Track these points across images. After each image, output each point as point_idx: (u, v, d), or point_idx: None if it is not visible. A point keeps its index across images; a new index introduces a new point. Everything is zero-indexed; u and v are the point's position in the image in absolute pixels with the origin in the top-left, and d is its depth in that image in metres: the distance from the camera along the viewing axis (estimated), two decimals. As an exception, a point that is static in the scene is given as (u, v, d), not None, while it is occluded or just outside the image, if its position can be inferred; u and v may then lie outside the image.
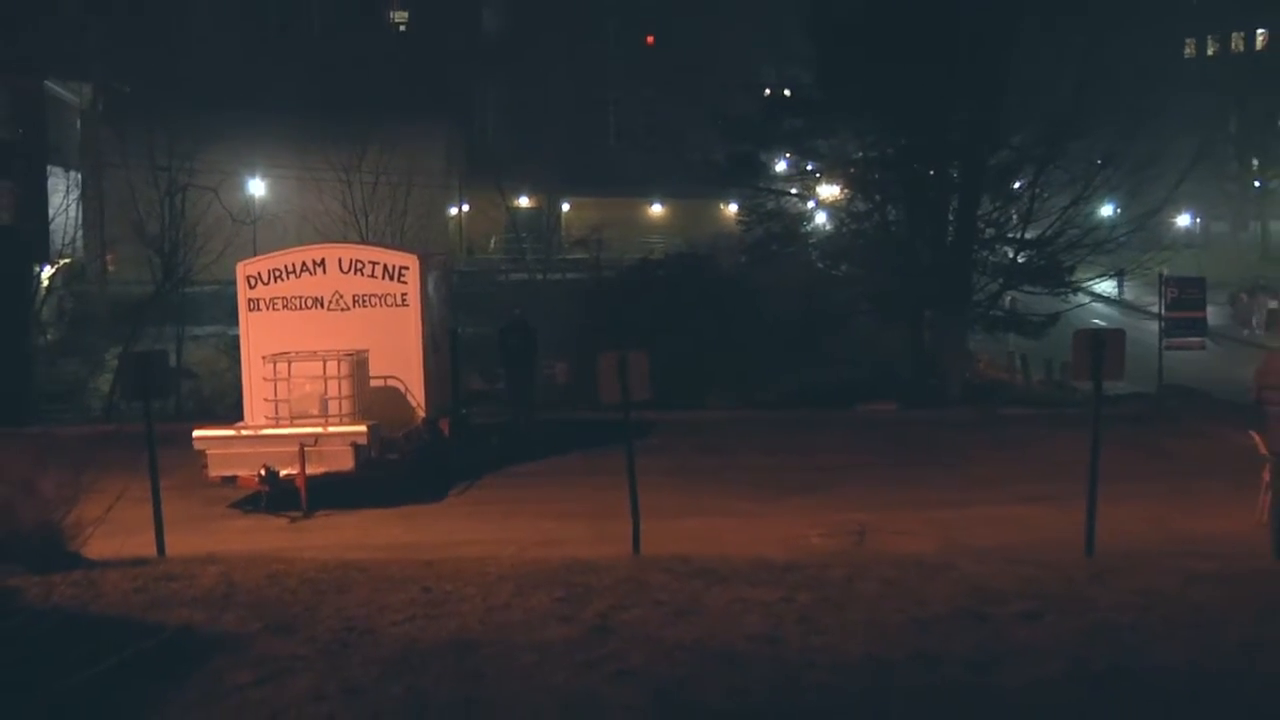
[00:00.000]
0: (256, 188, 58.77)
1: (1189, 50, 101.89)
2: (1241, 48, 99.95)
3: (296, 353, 17.27)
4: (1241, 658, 7.74)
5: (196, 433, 16.70)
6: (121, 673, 7.80)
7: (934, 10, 32.63)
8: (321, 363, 17.02)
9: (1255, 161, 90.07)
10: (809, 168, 38.97)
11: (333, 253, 18.73)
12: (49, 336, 42.05)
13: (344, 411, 16.79)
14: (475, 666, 7.83)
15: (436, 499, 16.94)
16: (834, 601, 9.11)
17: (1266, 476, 12.70)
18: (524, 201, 73.69)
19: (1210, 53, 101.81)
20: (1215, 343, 38.94)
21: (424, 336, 18.46)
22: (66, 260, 47.49)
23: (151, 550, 12.06)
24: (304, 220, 45.20)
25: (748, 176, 38.31)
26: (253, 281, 18.24)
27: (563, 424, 22.27)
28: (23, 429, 21.73)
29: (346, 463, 16.22)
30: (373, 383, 17.78)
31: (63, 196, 48.11)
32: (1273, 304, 62.78)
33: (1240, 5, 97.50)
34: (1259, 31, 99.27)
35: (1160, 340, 32.69)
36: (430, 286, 19.02)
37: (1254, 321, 58.84)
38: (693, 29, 78.84)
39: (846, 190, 38.01)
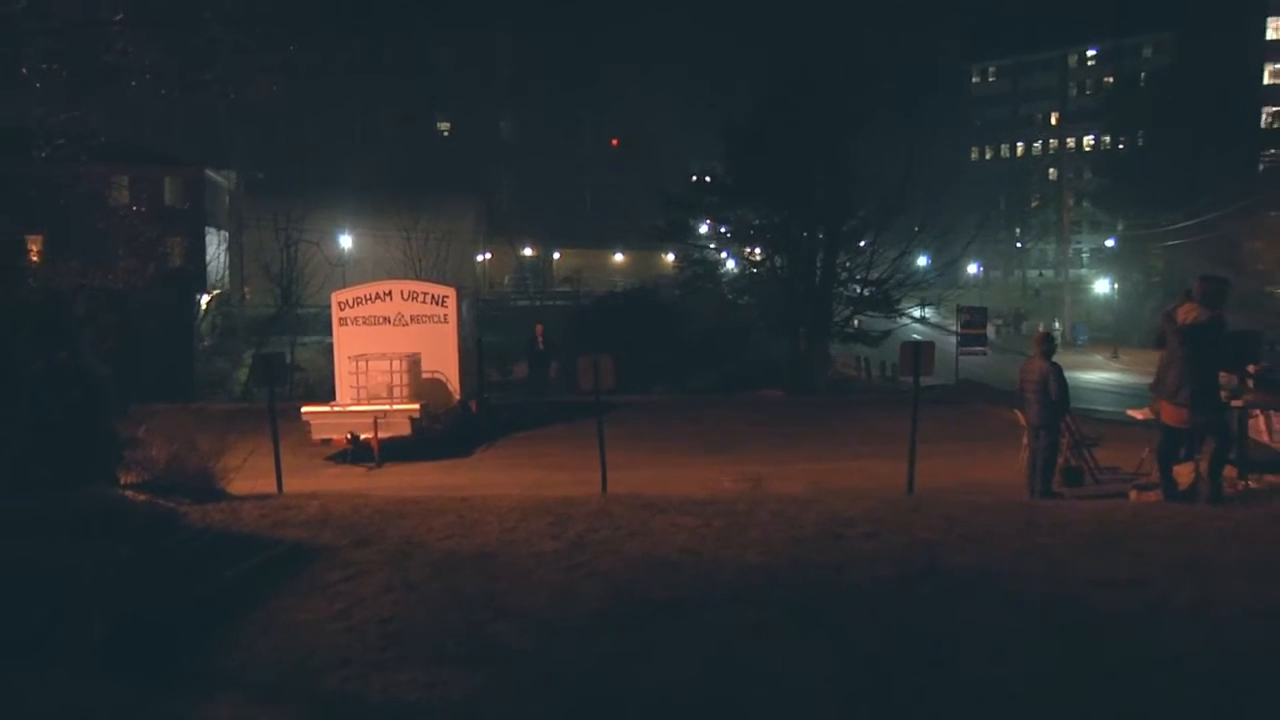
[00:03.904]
0: (345, 241, 58.57)
1: (974, 155, 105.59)
2: (1008, 154, 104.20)
3: (372, 354, 17.19)
4: (1011, 560, 7.79)
5: (304, 409, 16.65)
6: (255, 572, 7.78)
7: (800, 127, 33.01)
8: (389, 361, 16.97)
9: (1018, 229, 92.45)
10: (723, 230, 39.18)
11: (396, 286, 18.64)
12: (205, 343, 42.08)
13: (404, 395, 16.74)
14: (493, 569, 7.78)
15: (466, 455, 16.82)
16: (738, 526, 9.09)
17: (1025, 441, 12.79)
18: (527, 251, 73.67)
19: (988, 157, 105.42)
20: (994, 351, 39.33)
21: (459, 344, 18.36)
22: (217, 291, 47.64)
23: (273, 488, 11.93)
24: (377, 264, 45.04)
25: (681, 236, 38.55)
26: (342, 305, 18.15)
27: (553, 405, 22.19)
28: (187, 405, 21.43)
29: (406, 430, 16.18)
30: (424, 375, 17.69)
31: (215, 248, 48.48)
32: (998, 322, 63.82)
33: (1005, 126, 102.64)
34: (1018, 144, 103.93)
35: (956, 349, 33.08)
36: (464, 309, 18.94)
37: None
38: (645, 133, 79.53)
39: (748, 245, 38.20)
